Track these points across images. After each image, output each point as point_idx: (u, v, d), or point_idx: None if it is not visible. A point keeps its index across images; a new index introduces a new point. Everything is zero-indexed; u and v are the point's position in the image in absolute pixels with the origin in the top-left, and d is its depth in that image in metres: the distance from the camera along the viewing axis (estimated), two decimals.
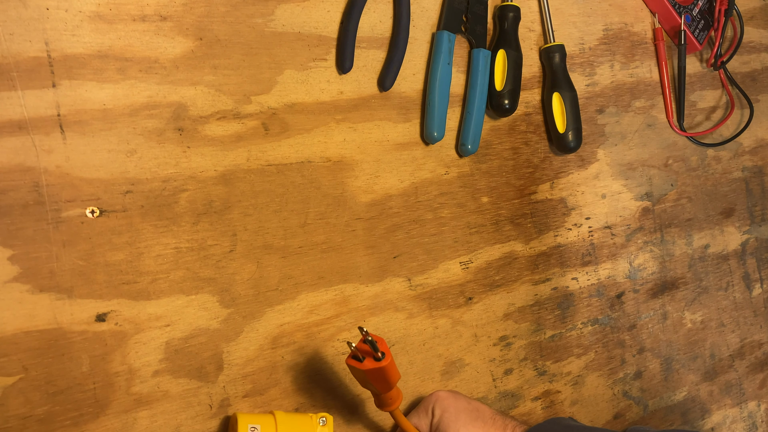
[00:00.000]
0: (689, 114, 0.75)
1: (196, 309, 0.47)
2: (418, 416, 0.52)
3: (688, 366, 0.74)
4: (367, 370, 0.43)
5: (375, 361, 0.43)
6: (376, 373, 0.44)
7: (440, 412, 0.51)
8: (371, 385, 0.45)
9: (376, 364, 0.43)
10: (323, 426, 0.49)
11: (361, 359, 0.44)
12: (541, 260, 0.63)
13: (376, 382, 0.44)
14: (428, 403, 0.52)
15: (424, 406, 0.52)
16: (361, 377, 0.45)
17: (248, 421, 0.46)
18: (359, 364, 0.43)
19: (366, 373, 0.44)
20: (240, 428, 0.45)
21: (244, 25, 0.49)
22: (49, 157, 0.42)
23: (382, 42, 0.55)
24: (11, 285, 0.41)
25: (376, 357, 0.43)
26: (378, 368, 0.43)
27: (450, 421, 0.50)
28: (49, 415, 0.42)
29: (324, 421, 0.49)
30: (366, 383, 0.46)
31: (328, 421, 0.49)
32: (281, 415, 0.48)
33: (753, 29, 0.82)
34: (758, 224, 0.81)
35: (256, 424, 0.46)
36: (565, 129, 0.62)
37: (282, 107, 0.50)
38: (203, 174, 0.47)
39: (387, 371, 0.44)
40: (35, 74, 0.42)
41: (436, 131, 0.55)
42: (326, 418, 0.49)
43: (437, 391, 0.53)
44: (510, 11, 0.59)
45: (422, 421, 0.52)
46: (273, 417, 0.47)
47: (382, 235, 0.54)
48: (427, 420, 0.52)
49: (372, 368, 0.43)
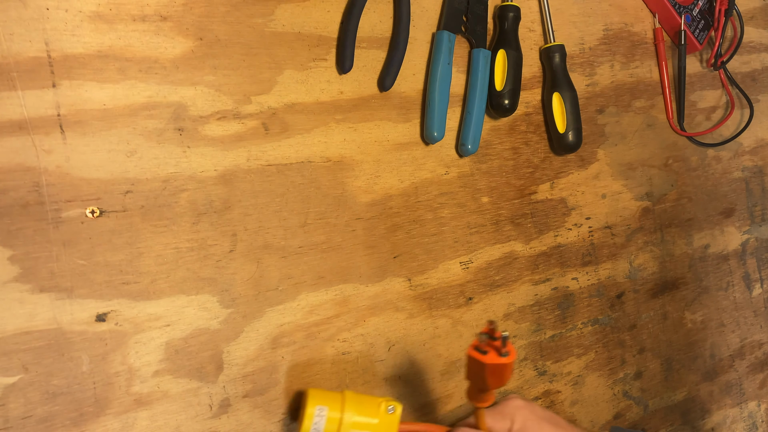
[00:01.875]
0: (689, 114, 0.75)
1: (196, 309, 0.47)
2: (494, 420, 0.52)
3: (688, 366, 0.74)
4: (489, 365, 0.43)
5: (499, 357, 0.43)
6: (496, 369, 0.43)
7: (522, 420, 0.51)
8: (483, 379, 0.45)
9: (499, 360, 0.43)
10: (390, 414, 0.49)
11: (484, 352, 0.43)
12: (541, 260, 0.63)
13: (490, 377, 0.44)
14: (506, 409, 0.52)
15: (501, 412, 0.52)
16: (475, 369, 0.45)
17: (317, 401, 0.47)
18: (482, 356, 0.43)
19: (486, 367, 0.43)
20: (308, 407, 0.46)
21: (244, 25, 0.49)
22: (49, 157, 0.42)
23: (382, 42, 0.55)
24: (11, 285, 0.41)
25: (501, 353, 0.43)
26: (500, 365, 0.43)
27: (533, 428, 0.51)
28: (49, 415, 0.42)
29: (392, 410, 0.49)
30: (476, 376, 0.45)
31: (396, 411, 0.49)
32: (350, 396, 0.48)
33: (753, 29, 0.82)
34: (758, 224, 0.81)
35: (324, 405, 0.47)
36: (565, 129, 0.62)
37: (282, 107, 0.50)
38: (203, 174, 0.47)
39: (507, 370, 0.44)
40: (35, 74, 0.42)
41: (436, 131, 0.55)
42: (395, 407, 0.49)
43: (513, 397, 0.54)
44: (510, 11, 0.59)
45: (499, 424, 0.52)
46: (342, 397, 0.48)
47: (382, 235, 0.54)
48: (504, 425, 0.52)
49: (494, 363, 0.43)
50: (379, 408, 0.48)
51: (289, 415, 0.50)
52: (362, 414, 0.48)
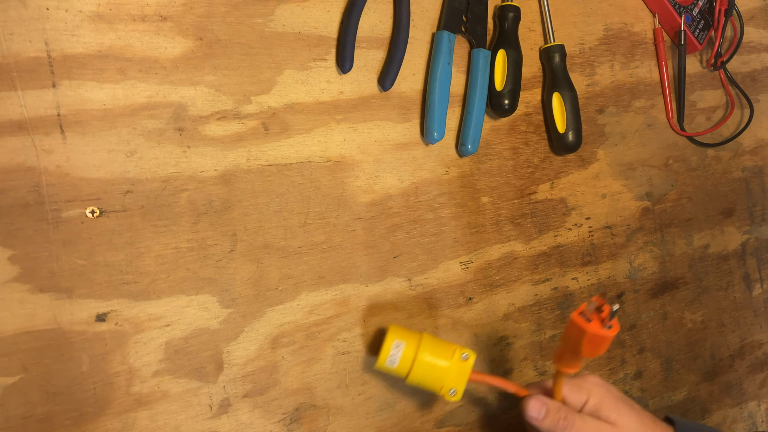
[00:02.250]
0: (689, 114, 0.75)
1: (196, 309, 0.47)
2: (571, 391, 0.52)
3: (688, 366, 0.74)
4: (590, 333, 0.44)
5: (602, 328, 0.45)
6: (595, 339, 0.45)
7: (599, 397, 0.52)
8: (578, 345, 0.46)
9: (601, 331, 0.44)
10: (464, 361, 0.50)
11: (588, 320, 0.45)
12: (541, 260, 0.63)
13: (587, 345, 0.45)
14: (584, 384, 0.53)
15: (579, 385, 0.53)
16: (573, 334, 0.46)
17: (396, 336, 0.50)
18: (585, 323, 0.45)
19: (586, 335, 0.45)
20: (387, 341, 0.49)
21: (244, 25, 0.49)
22: (49, 157, 0.42)
23: (382, 42, 0.55)
24: (11, 285, 0.41)
25: (605, 325, 0.45)
26: (601, 336, 0.45)
27: (611, 406, 0.51)
28: (49, 415, 0.42)
29: (466, 357, 0.50)
30: (572, 341, 0.46)
31: (469, 359, 0.50)
32: (428, 338, 0.51)
33: (753, 29, 0.82)
34: (758, 224, 0.81)
35: (402, 341, 0.50)
36: (565, 129, 0.62)
37: (282, 107, 0.50)
38: (203, 174, 0.47)
39: (605, 342, 0.45)
40: (35, 74, 0.42)
41: (436, 131, 0.55)
42: (469, 355, 0.50)
43: (589, 374, 0.54)
44: (510, 11, 0.59)
45: (575, 396, 0.52)
46: (420, 337, 0.50)
47: (382, 235, 0.54)
48: (581, 398, 0.52)
49: (595, 333, 0.45)
50: (453, 353, 0.50)
51: (369, 350, 0.53)
52: (436, 355, 0.50)
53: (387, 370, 0.50)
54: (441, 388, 0.50)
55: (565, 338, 0.47)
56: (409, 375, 0.50)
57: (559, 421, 0.50)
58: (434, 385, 0.50)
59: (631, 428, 0.51)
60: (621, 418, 0.51)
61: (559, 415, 0.50)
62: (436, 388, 0.50)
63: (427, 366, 0.49)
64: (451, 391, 0.50)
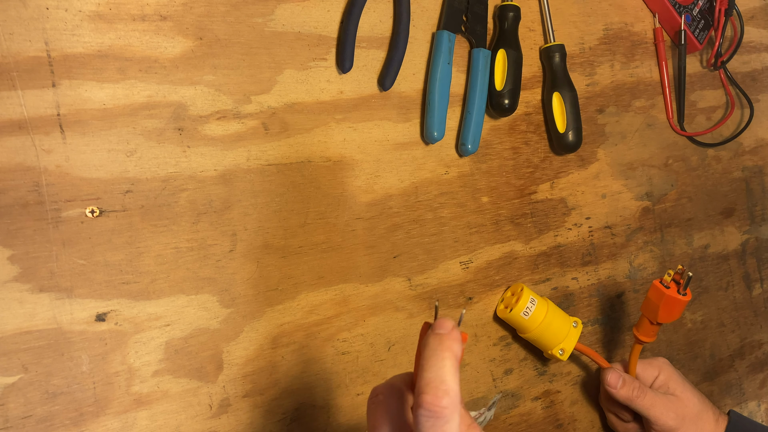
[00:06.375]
0: (689, 114, 0.75)
1: (196, 309, 0.47)
2: (644, 367, 0.61)
3: (688, 366, 0.74)
4: (667, 296, 0.54)
5: (678, 294, 0.54)
6: (671, 302, 0.54)
7: (667, 375, 0.61)
8: (656, 309, 0.55)
9: (678, 297, 0.54)
10: (574, 328, 0.59)
11: (667, 287, 0.54)
12: (541, 260, 0.63)
13: (663, 309, 0.54)
14: (655, 362, 0.61)
15: (651, 362, 0.61)
16: (654, 299, 0.55)
17: (531, 294, 0.58)
18: (664, 289, 0.54)
19: (664, 299, 0.54)
20: (524, 296, 0.57)
21: (244, 24, 0.49)
22: (49, 156, 0.42)
23: (382, 42, 0.55)
24: (11, 285, 0.41)
25: (681, 292, 0.54)
26: (676, 300, 0.54)
27: (677, 381, 0.60)
28: (49, 415, 0.42)
29: (576, 325, 0.59)
30: (651, 307, 0.55)
31: (578, 326, 0.59)
32: (551, 303, 0.59)
33: (753, 29, 0.82)
34: (758, 224, 0.81)
35: (536, 299, 0.58)
36: (565, 129, 0.62)
37: (282, 107, 0.50)
38: (203, 174, 0.47)
39: (679, 306, 0.54)
40: (35, 74, 0.42)
41: (436, 131, 0.55)
42: (578, 323, 0.59)
43: (660, 357, 0.63)
44: (510, 11, 0.59)
45: (647, 372, 0.61)
46: (546, 301, 0.58)
47: (382, 234, 0.54)
48: (652, 373, 0.61)
49: (671, 297, 0.54)
50: (569, 320, 0.59)
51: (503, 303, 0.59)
52: (559, 318, 0.58)
53: (513, 319, 0.57)
54: (555, 346, 0.58)
55: (645, 305, 0.56)
56: (534, 330, 0.57)
57: (633, 391, 0.58)
58: (549, 342, 0.58)
59: (693, 403, 0.59)
60: (685, 393, 0.59)
61: (633, 385, 0.58)
62: (550, 345, 0.58)
63: (552, 325, 0.57)
64: (561, 351, 0.58)
